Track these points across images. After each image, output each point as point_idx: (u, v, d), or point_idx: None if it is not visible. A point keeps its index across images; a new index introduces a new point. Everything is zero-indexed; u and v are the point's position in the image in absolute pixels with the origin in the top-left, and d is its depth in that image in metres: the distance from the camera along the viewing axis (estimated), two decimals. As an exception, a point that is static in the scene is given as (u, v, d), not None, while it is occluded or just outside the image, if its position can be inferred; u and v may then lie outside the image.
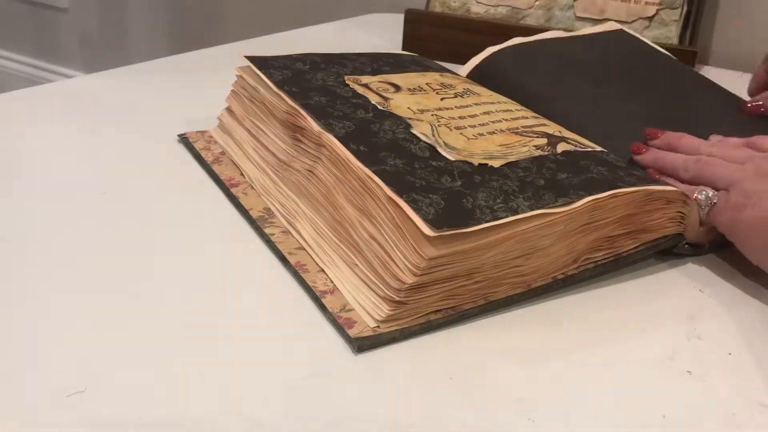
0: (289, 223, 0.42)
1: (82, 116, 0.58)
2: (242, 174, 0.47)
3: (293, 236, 0.41)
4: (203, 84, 0.66)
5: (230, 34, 1.53)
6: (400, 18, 0.81)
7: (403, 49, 0.80)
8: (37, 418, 0.27)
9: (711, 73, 0.75)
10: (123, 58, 1.74)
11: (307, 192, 0.42)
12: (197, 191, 0.46)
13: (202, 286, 0.37)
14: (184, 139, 0.52)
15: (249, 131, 0.49)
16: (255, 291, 0.37)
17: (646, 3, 0.74)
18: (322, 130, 0.41)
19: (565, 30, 0.75)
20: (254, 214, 0.43)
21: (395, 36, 0.82)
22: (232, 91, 0.51)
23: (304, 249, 0.40)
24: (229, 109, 0.52)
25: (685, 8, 0.73)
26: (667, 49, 0.65)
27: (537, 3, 0.77)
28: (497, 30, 0.76)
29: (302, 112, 0.44)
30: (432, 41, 0.78)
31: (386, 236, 0.35)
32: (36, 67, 1.93)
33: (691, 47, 0.74)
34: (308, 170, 0.42)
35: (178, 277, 0.37)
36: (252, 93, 0.49)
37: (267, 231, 0.41)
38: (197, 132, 0.53)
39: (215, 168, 0.48)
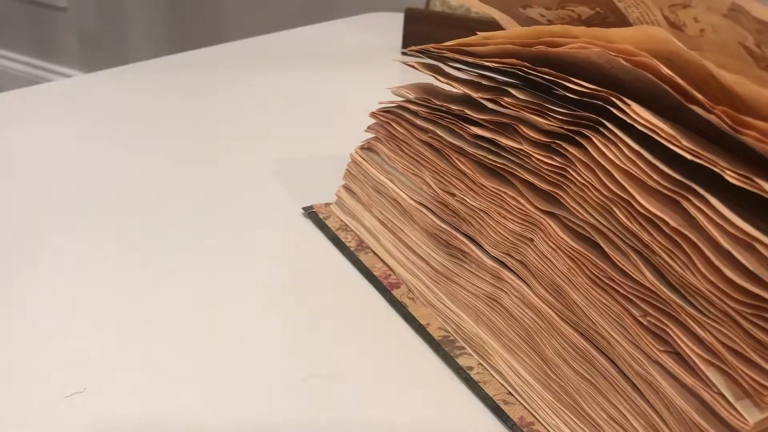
0: (478, 354, 0.32)
1: (82, 116, 0.57)
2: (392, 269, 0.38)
3: (491, 372, 0.31)
4: (203, 83, 0.65)
5: (230, 34, 1.53)
6: (400, 18, 0.81)
7: (403, 48, 0.80)
8: (36, 418, 0.27)
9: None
10: (122, 57, 1.74)
11: (491, 323, 0.31)
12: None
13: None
14: (312, 214, 0.43)
15: (382, 223, 0.38)
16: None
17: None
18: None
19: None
20: (434, 332, 0.33)
21: (395, 35, 0.81)
22: (348, 171, 0.41)
23: (515, 393, 0.30)
24: (347, 188, 0.42)
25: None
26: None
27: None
28: (497, 29, 0.76)
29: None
30: (432, 41, 0.78)
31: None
32: (34, 67, 1.93)
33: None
34: (488, 297, 0.31)
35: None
36: (377, 186, 0.39)
37: (461, 363, 0.31)
38: (324, 205, 0.43)
39: (363, 258, 0.38)
